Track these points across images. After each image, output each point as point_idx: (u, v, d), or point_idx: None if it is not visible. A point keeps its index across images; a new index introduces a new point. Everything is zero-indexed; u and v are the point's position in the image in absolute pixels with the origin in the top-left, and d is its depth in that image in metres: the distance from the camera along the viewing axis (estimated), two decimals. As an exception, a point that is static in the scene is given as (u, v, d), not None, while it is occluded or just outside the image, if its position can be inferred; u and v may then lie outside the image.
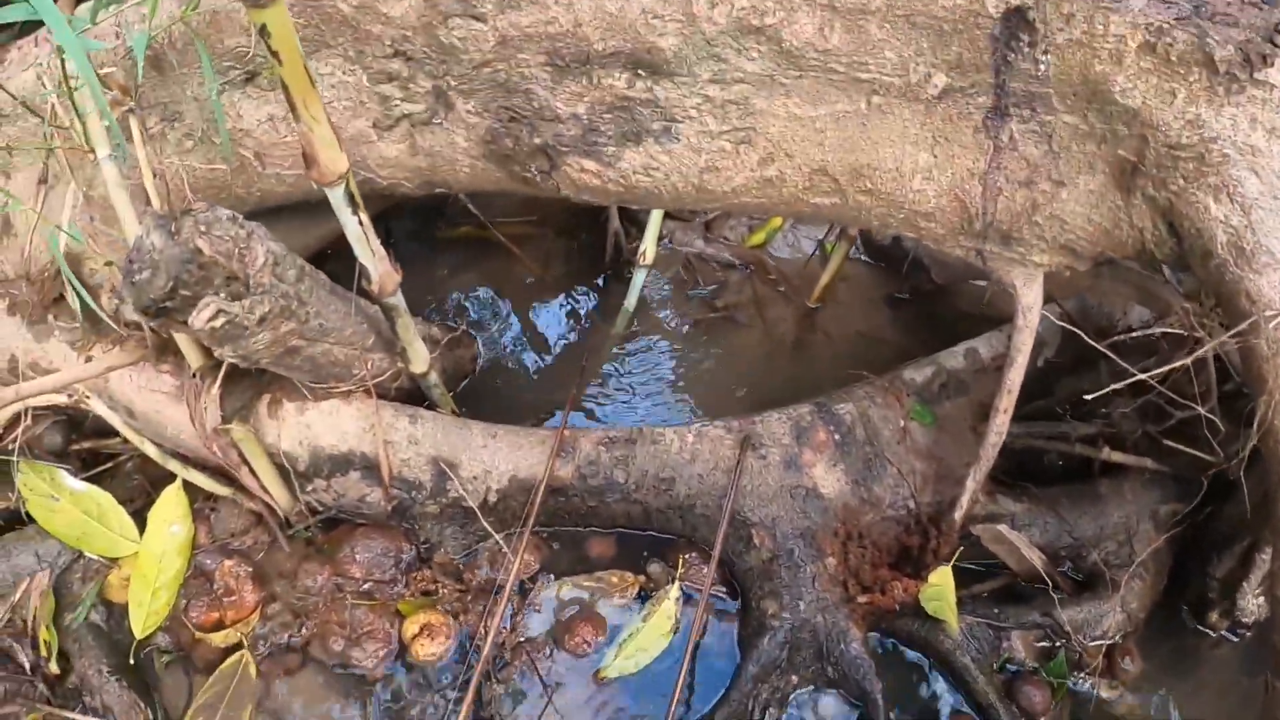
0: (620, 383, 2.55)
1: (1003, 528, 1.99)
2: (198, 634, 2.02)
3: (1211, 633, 2.14)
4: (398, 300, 1.90)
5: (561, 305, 2.73)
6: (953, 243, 1.86)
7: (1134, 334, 2.00)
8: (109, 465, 2.22)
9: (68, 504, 2.06)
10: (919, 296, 2.79)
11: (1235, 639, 2.14)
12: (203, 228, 1.55)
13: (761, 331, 2.70)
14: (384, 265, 1.84)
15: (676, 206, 1.98)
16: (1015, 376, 1.85)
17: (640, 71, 1.74)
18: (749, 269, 2.84)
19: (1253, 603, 2.04)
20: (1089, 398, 1.76)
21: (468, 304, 2.69)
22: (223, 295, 1.60)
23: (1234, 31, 1.59)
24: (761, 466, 2.07)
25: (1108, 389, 1.74)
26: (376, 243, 1.82)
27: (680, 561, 2.11)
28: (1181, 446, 1.99)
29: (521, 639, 2.03)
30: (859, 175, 1.80)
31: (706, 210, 2.40)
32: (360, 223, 1.75)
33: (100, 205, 1.95)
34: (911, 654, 2.08)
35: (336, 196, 1.68)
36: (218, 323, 1.61)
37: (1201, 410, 1.82)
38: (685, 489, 2.08)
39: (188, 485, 2.09)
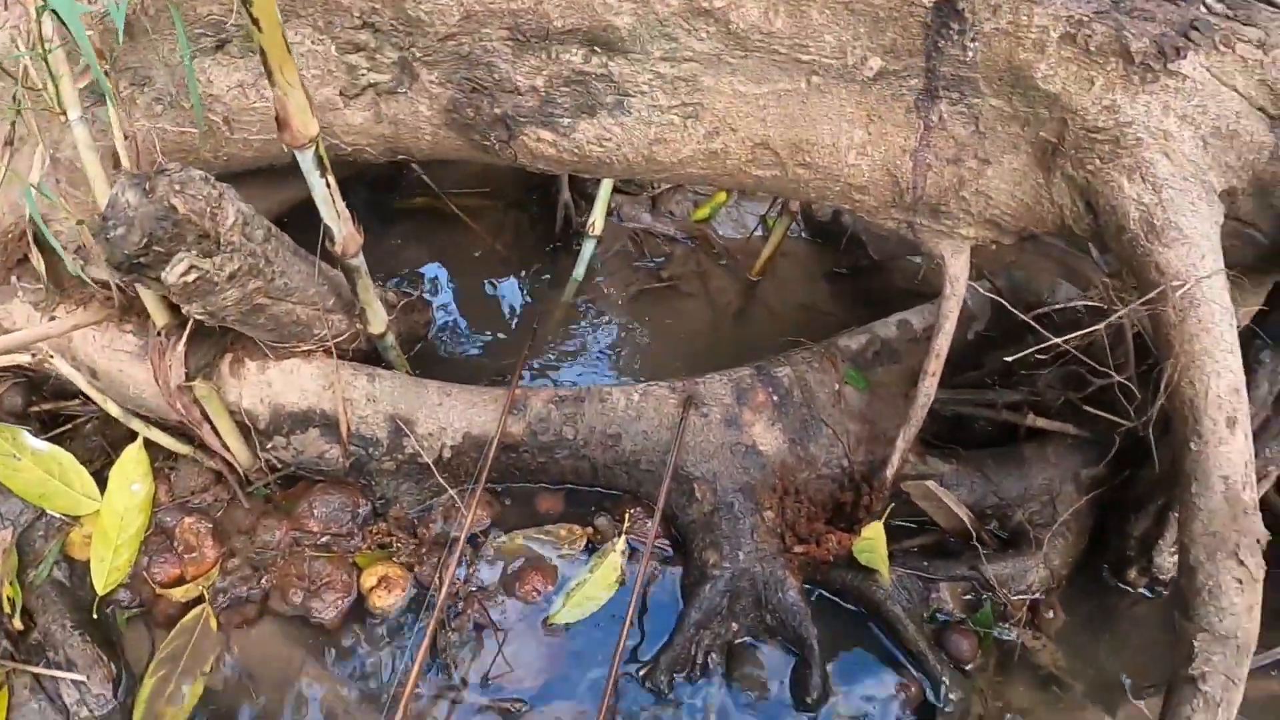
0: (569, 348, 2.70)
1: (931, 484, 2.16)
2: (159, 590, 2.11)
3: (1131, 590, 2.30)
4: (359, 262, 2.02)
5: (512, 275, 2.87)
6: (885, 215, 2.02)
7: (1057, 307, 2.17)
8: (69, 427, 2.31)
9: (29, 463, 2.14)
10: (857, 272, 2.97)
11: (1153, 596, 2.30)
12: (177, 186, 1.65)
13: (705, 302, 2.86)
14: (348, 227, 1.95)
15: (627, 176, 2.12)
16: (942, 342, 2.01)
17: (596, 48, 1.89)
18: (694, 243, 3.01)
19: (1168, 560, 2.20)
20: (1010, 360, 1.92)
21: (421, 272, 2.83)
22: (195, 252, 1.71)
23: (1150, 25, 1.75)
24: (704, 424, 2.22)
25: (1029, 351, 1.89)
26: (342, 205, 1.92)
27: (626, 515, 2.26)
28: (1101, 413, 2.15)
29: (474, 589, 2.17)
30: (798, 150, 1.95)
31: (656, 180, 2.55)
32: (328, 185, 1.85)
33: (66, 168, 2.04)
34: (848, 606, 2.23)
35: (306, 159, 1.78)
36: (190, 278, 1.73)
37: (1116, 377, 1.97)
38: (631, 445, 2.22)
39: (148, 444, 2.18)
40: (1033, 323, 1.93)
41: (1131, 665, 2.23)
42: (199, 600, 2.12)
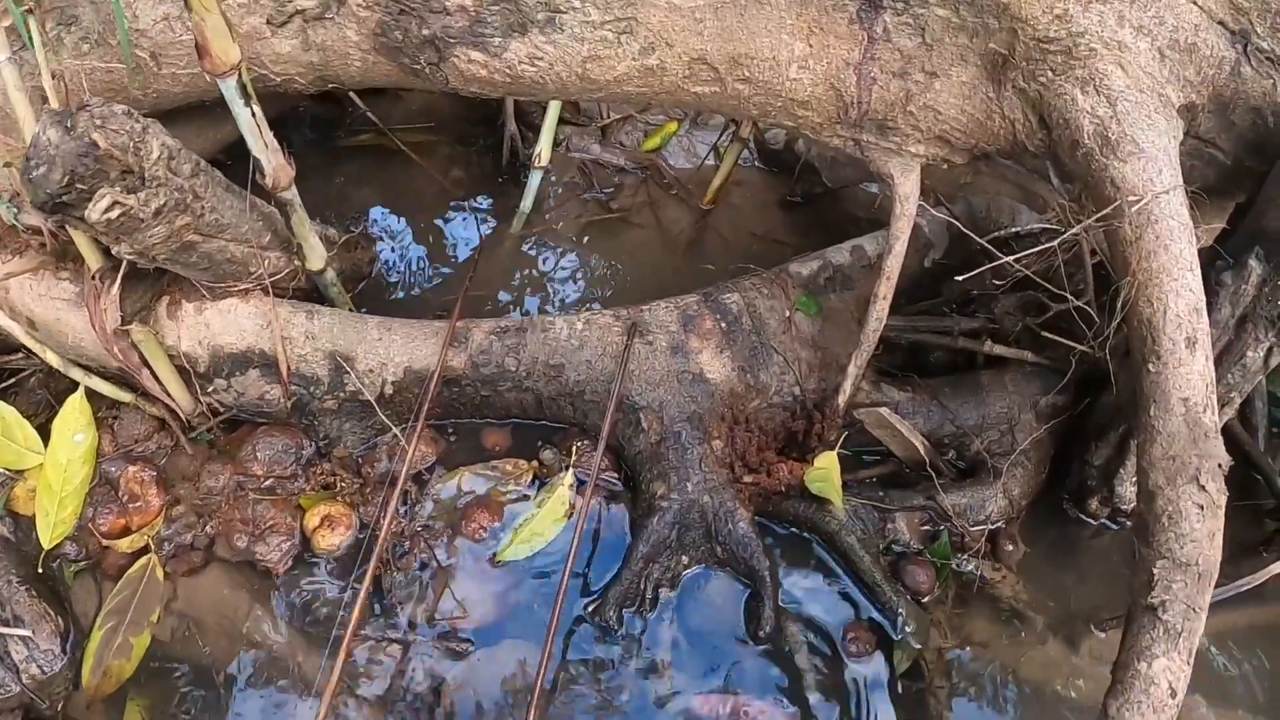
0: (517, 282, 2.55)
1: (884, 410, 2.02)
2: (105, 541, 1.99)
3: (1092, 521, 2.18)
4: (292, 195, 1.89)
5: (459, 209, 2.72)
6: (830, 132, 1.87)
7: (1014, 231, 2.03)
8: (11, 382, 2.18)
9: (-29, 420, 2.01)
10: (811, 200, 2.81)
11: (1115, 528, 2.18)
12: (98, 122, 1.54)
13: (656, 232, 2.71)
14: (277, 158, 1.82)
15: (562, 97, 1.98)
16: (893, 264, 1.87)
17: (525, -38, 1.73)
18: (644, 173, 2.85)
19: (1130, 489, 2.09)
20: (964, 281, 1.78)
21: (367, 209, 2.67)
22: (118, 189, 1.59)
23: (1105, -72, 1.59)
24: (649, 352, 2.08)
25: (984, 269, 1.78)
26: (269, 135, 1.80)
27: (573, 449, 2.12)
28: (1059, 339, 2.04)
29: (419, 527, 2.03)
30: (737, 64, 1.80)
31: (591, 100, 2.38)
32: (253, 114, 1.74)
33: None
34: (803, 537, 2.10)
35: (229, 88, 1.67)
36: (113, 215, 1.60)
37: (1075, 301, 1.87)
38: (575, 375, 2.08)
39: (91, 394, 2.05)
40: (989, 246, 1.79)
41: (1093, 598, 2.11)
42: (145, 550, 2.00)
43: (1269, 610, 2.10)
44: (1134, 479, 2.02)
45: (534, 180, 2.47)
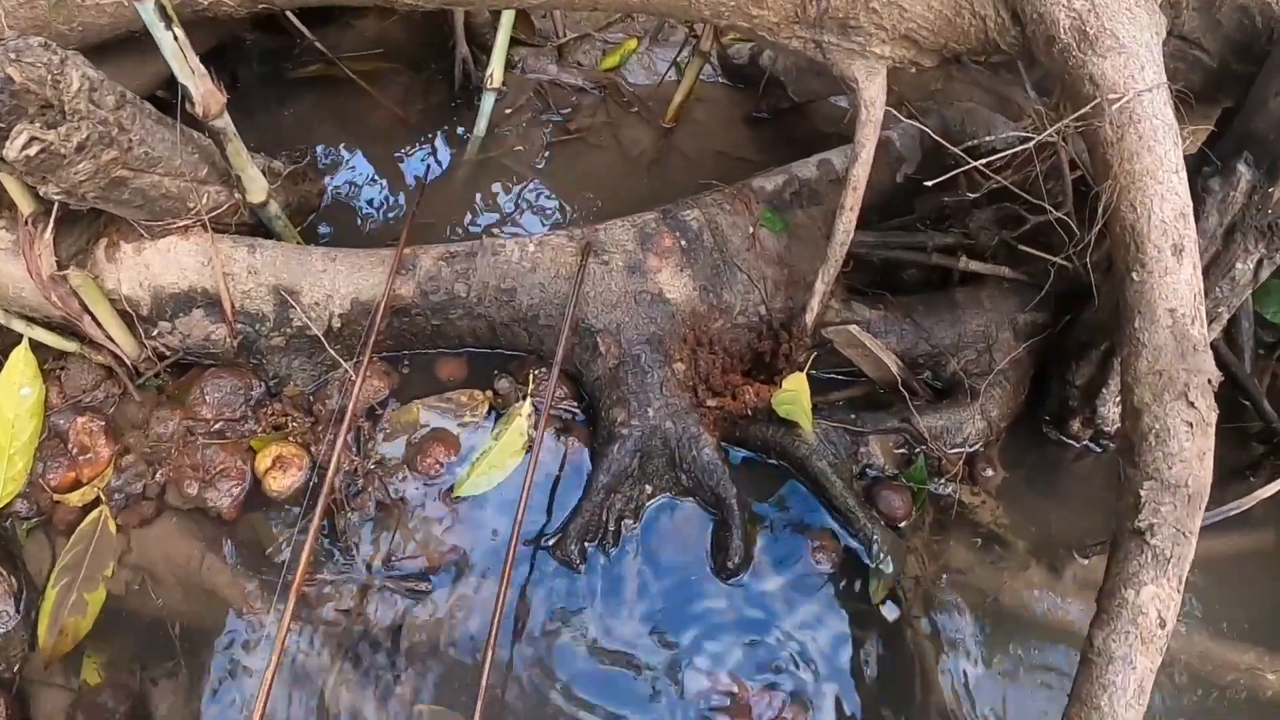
0: (474, 208, 2.37)
1: (853, 328, 1.86)
2: (56, 496, 1.85)
3: (1074, 443, 2.04)
4: (225, 124, 1.72)
5: (412, 137, 2.53)
6: (788, 33, 1.70)
7: (988, 139, 1.85)
8: (-44, 338, 2.02)
9: (-84, 379, 1.87)
10: (777, 115, 2.63)
11: (1098, 450, 2.04)
12: (13, 55, 1.41)
13: (617, 153, 2.53)
14: (205, 84, 1.65)
15: (506, 6, 1.82)
16: (859, 173, 1.71)
17: None
18: (603, 92, 2.67)
19: (1113, 410, 1.94)
20: (931, 187, 1.60)
21: (318, 141, 2.48)
22: (37, 124, 1.45)
23: None
24: (604, 273, 1.92)
25: (953, 173, 1.59)
26: (195, 60, 1.63)
27: (530, 377, 1.96)
28: (1037, 252, 1.88)
29: (373, 465, 1.88)
30: (688, -39, 1.61)
31: (537, 8, 2.18)
32: (175, 38, 1.57)
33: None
34: (771, 463, 1.94)
35: (147, 11, 1.51)
36: (33, 151, 1.46)
37: (1054, 213, 1.71)
38: (527, 299, 1.92)
39: (36, 346, 1.91)
40: (961, 154, 1.61)
41: (1076, 523, 1.97)
42: (97, 503, 1.85)
43: (1256, 536, 1.97)
44: (1118, 399, 1.88)
45: (487, 103, 2.29)
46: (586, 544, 1.80)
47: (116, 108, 1.57)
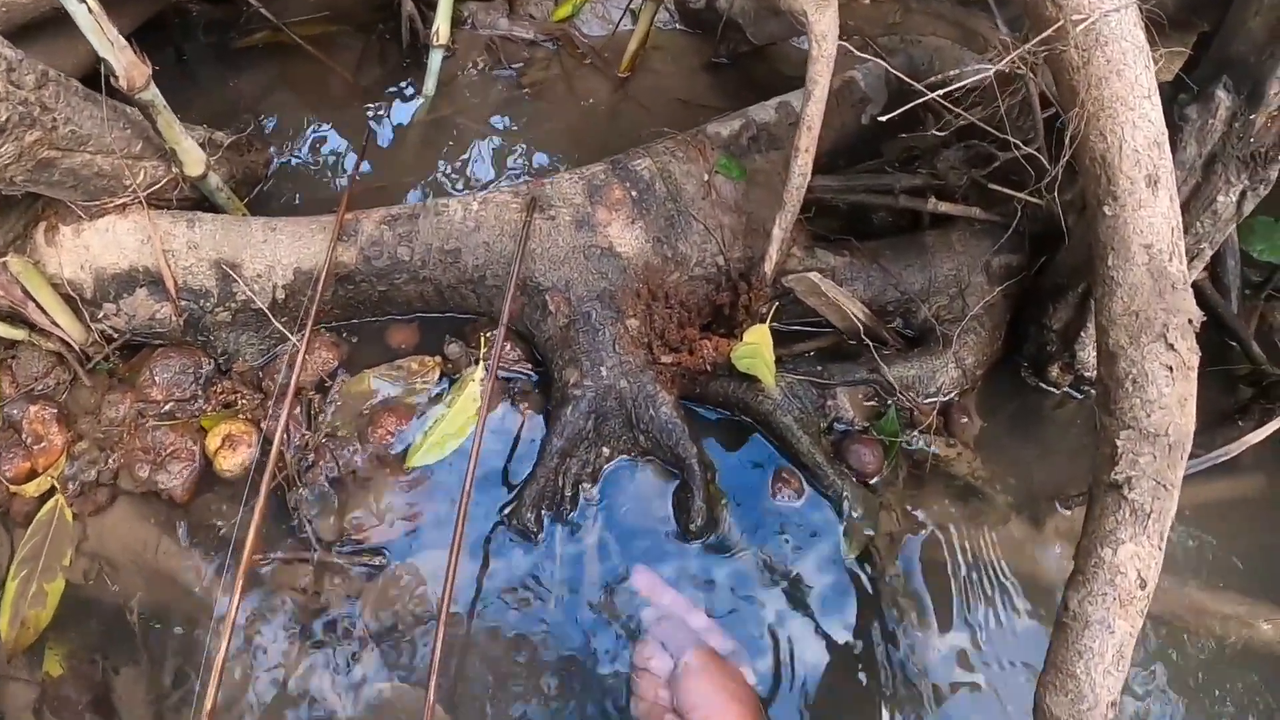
0: (424, 170, 2.18)
1: (814, 276, 1.67)
2: (12, 488, 1.70)
3: (1054, 390, 1.85)
4: (153, 96, 1.56)
5: (363, 101, 2.33)
6: None
7: (952, 74, 1.64)
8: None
9: None
10: (736, 60, 2.43)
11: (1079, 397, 1.86)
12: None
13: (573, 106, 2.33)
14: (127, 56, 1.50)
15: None
16: (814, 111, 1.51)
17: None
18: (556, 45, 2.46)
19: (1092, 354, 1.75)
20: (886, 118, 1.40)
21: (267, 111, 2.28)
22: None
23: None
24: (551, 228, 1.73)
25: (913, 104, 1.41)
26: (114, 32, 1.48)
27: (481, 340, 1.79)
28: (1007, 190, 1.69)
29: (324, 438, 1.71)
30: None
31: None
32: (90, 10, 1.42)
33: None
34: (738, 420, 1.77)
35: None
36: None
37: (1024, 148, 1.51)
38: (473, 259, 1.74)
39: None
40: (923, 89, 1.41)
41: (1058, 473, 1.78)
42: (52, 492, 1.71)
43: (1245, 482, 1.80)
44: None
45: (434, 60, 2.10)
46: (543, 511, 1.63)
47: (38, 86, 1.42)
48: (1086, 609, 1.20)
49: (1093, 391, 1.78)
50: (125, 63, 1.49)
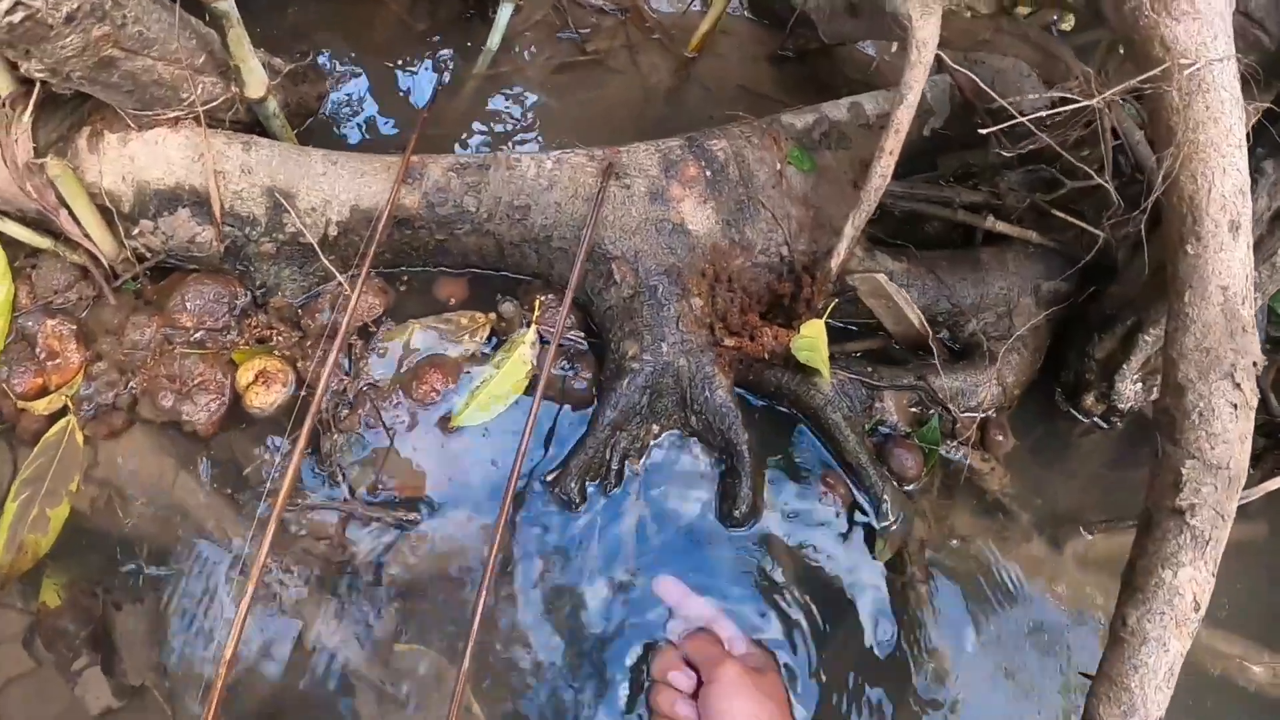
0: (480, 124, 2.24)
1: (881, 277, 1.78)
2: (21, 403, 1.71)
3: (1084, 418, 1.97)
4: (229, 7, 1.58)
5: (422, 48, 2.37)
6: None
7: (1030, 99, 1.75)
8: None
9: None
10: (803, 56, 2.52)
11: (1106, 427, 1.97)
12: None
13: (634, 78, 2.40)
14: None
15: None
16: (904, 115, 1.61)
17: None
18: (624, 15, 2.53)
19: (1131, 387, 1.87)
20: (985, 131, 1.48)
21: (319, 44, 2.31)
22: None
23: None
24: (625, 196, 1.80)
25: (1004, 125, 1.48)
26: None
27: (536, 303, 1.84)
28: (1074, 220, 1.80)
29: (364, 386, 1.76)
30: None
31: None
32: None
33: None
34: (781, 411, 1.86)
35: None
36: (16, 18, 1.33)
37: (1098, 179, 1.60)
38: (541, 218, 1.80)
39: (6, 242, 1.77)
40: (1010, 108, 1.52)
41: (1079, 498, 1.91)
42: (64, 412, 1.72)
43: (1250, 528, 1.92)
44: (1137, 376, 1.85)
45: (503, 15, 2.15)
46: (587, 482, 1.70)
47: None
48: (1145, 626, 1.31)
49: (1119, 424, 1.94)
50: (208, -34, 1.51)
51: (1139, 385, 1.86)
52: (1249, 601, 1.84)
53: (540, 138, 2.23)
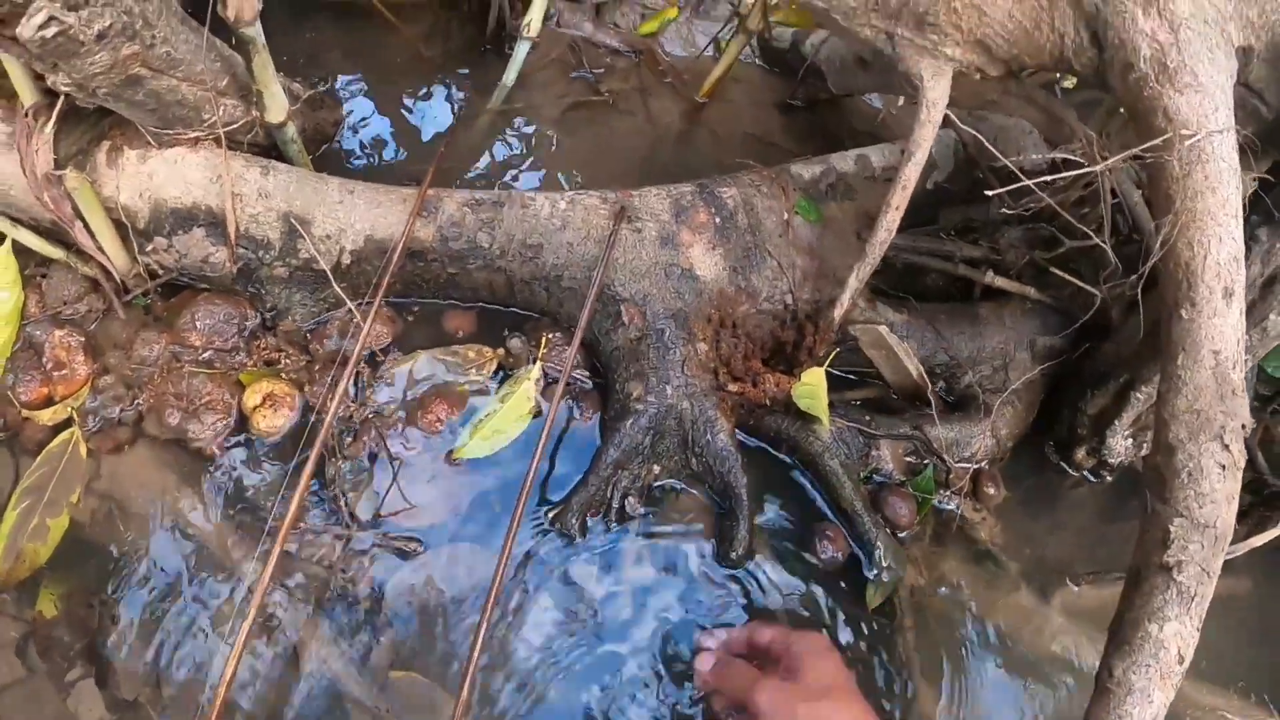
0: (491, 159, 2.29)
1: (883, 329, 1.84)
2: (25, 412, 1.74)
3: (1074, 472, 2.04)
4: (256, 33, 1.62)
5: (436, 79, 2.43)
6: (863, 20, 1.65)
7: (1037, 159, 1.83)
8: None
9: (-117, 272, 1.77)
10: (811, 105, 2.60)
11: (1095, 481, 2.04)
12: None
13: (645, 120, 2.47)
14: None
15: None
16: (912, 173, 1.67)
17: None
18: (638, 57, 2.61)
19: (1122, 443, 1.94)
20: (992, 194, 1.55)
21: (335, 70, 2.37)
22: (58, 3, 1.35)
23: None
24: (636, 240, 1.86)
25: (1012, 188, 1.54)
26: None
27: (543, 340, 1.89)
28: (1071, 278, 1.87)
29: (370, 413, 1.81)
30: (775, -69, 1.53)
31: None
32: None
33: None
34: (778, 456, 1.91)
35: None
36: (49, 33, 1.35)
37: (1096, 239, 1.68)
38: (553, 258, 1.85)
39: (18, 249, 1.79)
40: (1014, 168, 1.61)
41: (1066, 549, 1.97)
42: (68, 423, 1.75)
43: (1234, 582, 1.99)
44: (1128, 432, 1.91)
45: (520, 52, 2.21)
46: (588, 518, 1.75)
47: None
48: (1130, 677, 1.36)
49: (1109, 478, 2.01)
50: (239, -8, 1.56)
51: (1129, 441, 1.93)
52: (1229, 654, 1.89)
53: (550, 174, 2.28)
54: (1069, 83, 2.49)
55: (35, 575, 1.61)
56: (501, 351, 1.89)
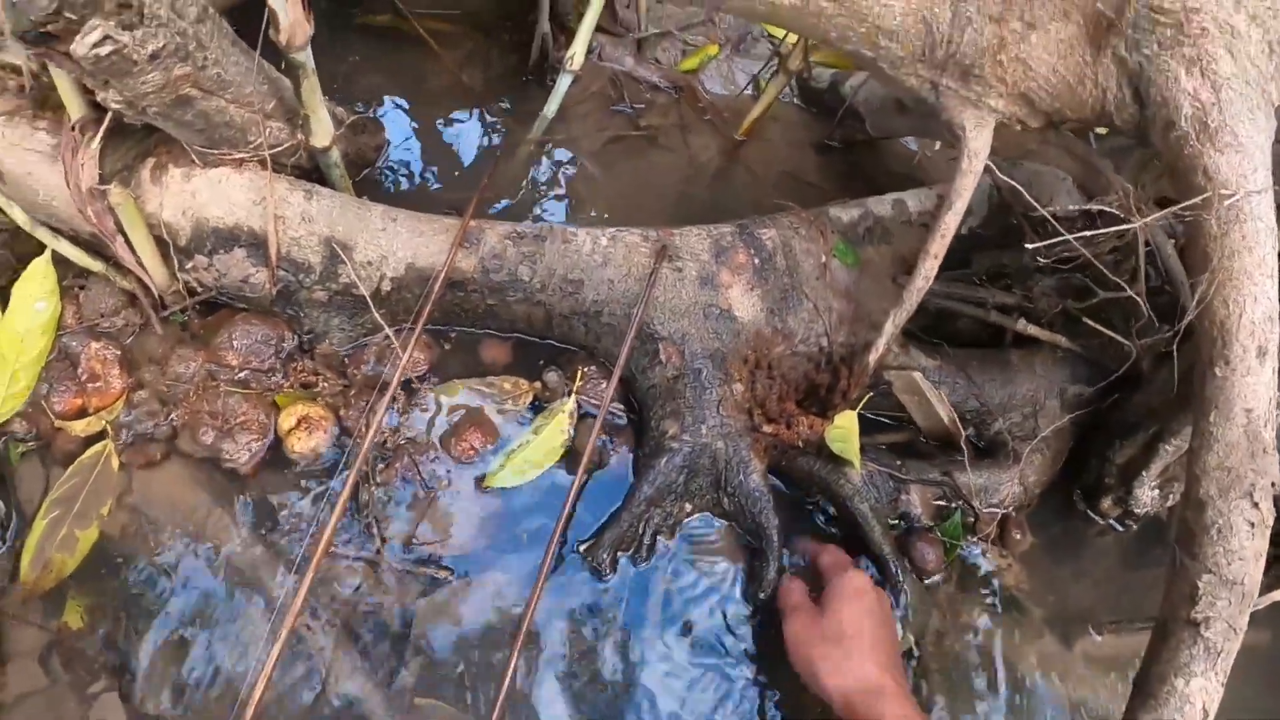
0: (530, 190, 2.34)
1: (917, 375, 1.88)
2: (58, 422, 1.78)
3: (1100, 520, 2.07)
4: (306, 58, 1.66)
5: (477, 107, 2.48)
6: (909, 70, 1.70)
7: (1073, 209, 1.86)
8: (-27, 240, 1.95)
9: (-79, 279, 1.81)
10: (849, 147, 2.64)
11: (1121, 529, 2.07)
12: None
13: (684, 156, 2.52)
14: (296, 11, 1.59)
15: None
16: (951, 221, 1.72)
17: None
18: (678, 93, 2.66)
19: (1149, 494, 1.97)
20: (1034, 246, 1.58)
21: (377, 95, 2.42)
22: (113, 23, 1.38)
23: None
24: (676, 279, 1.89)
25: (1051, 243, 1.62)
26: None
27: (579, 373, 1.93)
28: (1104, 329, 1.89)
29: (404, 440, 1.84)
30: (826, -20, 1.59)
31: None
32: None
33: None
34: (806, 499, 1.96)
35: None
36: (104, 51, 1.39)
37: (1129, 290, 1.71)
38: (594, 294, 1.89)
39: (58, 260, 1.83)
40: (1052, 219, 1.66)
41: (1090, 597, 2.00)
42: (101, 436, 1.79)
43: (1252, 635, 1.92)
44: (1155, 483, 1.95)
45: (563, 84, 2.24)
46: (619, 553, 1.78)
47: (198, 21, 1.51)
48: (1156, 732, 1.40)
49: (1135, 527, 2.04)
50: (292, 17, 1.57)
51: (1156, 491, 1.96)
52: (1249, 706, 1.91)
53: (587, 207, 2.32)
54: (1102, 129, 2.54)
55: (61, 586, 1.64)
56: (538, 384, 1.92)
